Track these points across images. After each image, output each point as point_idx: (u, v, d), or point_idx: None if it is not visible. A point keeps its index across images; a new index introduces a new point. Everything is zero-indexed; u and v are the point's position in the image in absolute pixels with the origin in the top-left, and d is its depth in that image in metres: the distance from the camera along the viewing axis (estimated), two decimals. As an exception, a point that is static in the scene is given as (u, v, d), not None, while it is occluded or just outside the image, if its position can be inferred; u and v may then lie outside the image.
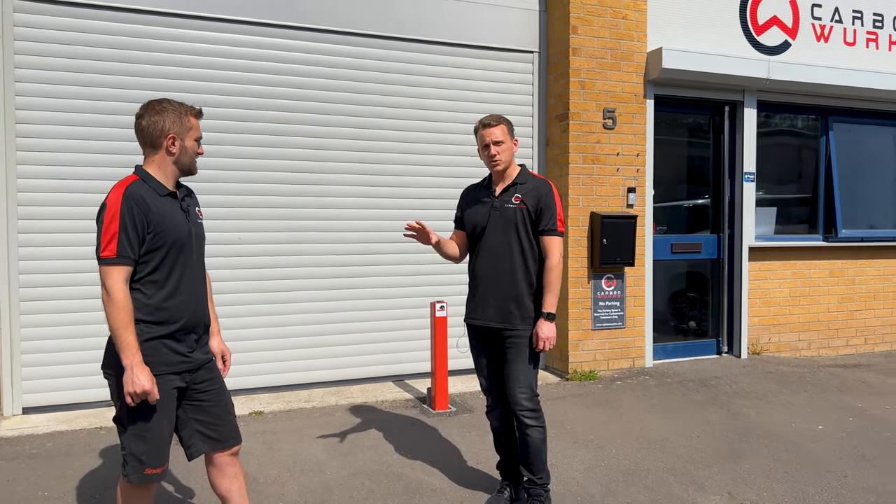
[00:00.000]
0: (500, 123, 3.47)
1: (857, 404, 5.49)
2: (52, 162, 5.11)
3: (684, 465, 4.21)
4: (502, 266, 3.44)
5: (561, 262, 3.42)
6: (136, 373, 2.45)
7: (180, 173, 2.74)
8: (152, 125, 2.65)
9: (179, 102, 2.73)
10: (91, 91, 5.18)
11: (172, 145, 2.67)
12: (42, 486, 3.81)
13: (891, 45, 7.50)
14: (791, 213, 7.49)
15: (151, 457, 2.60)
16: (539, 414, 3.43)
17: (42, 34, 5.05)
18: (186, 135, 2.70)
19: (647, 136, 6.44)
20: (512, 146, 3.51)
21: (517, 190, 3.46)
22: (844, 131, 7.53)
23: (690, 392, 5.74)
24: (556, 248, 3.40)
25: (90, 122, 5.19)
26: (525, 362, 3.41)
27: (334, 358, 5.92)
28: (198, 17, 5.43)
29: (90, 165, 5.19)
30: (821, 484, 3.95)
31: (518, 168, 3.55)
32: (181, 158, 2.70)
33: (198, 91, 5.35)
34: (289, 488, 3.83)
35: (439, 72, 6.20)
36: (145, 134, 2.67)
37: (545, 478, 3.48)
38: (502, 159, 3.45)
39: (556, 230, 3.41)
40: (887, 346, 7.74)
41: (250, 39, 5.59)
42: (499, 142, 3.44)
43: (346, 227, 5.94)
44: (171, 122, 2.65)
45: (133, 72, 5.27)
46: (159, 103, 2.69)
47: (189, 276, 2.71)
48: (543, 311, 3.38)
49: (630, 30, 6.33)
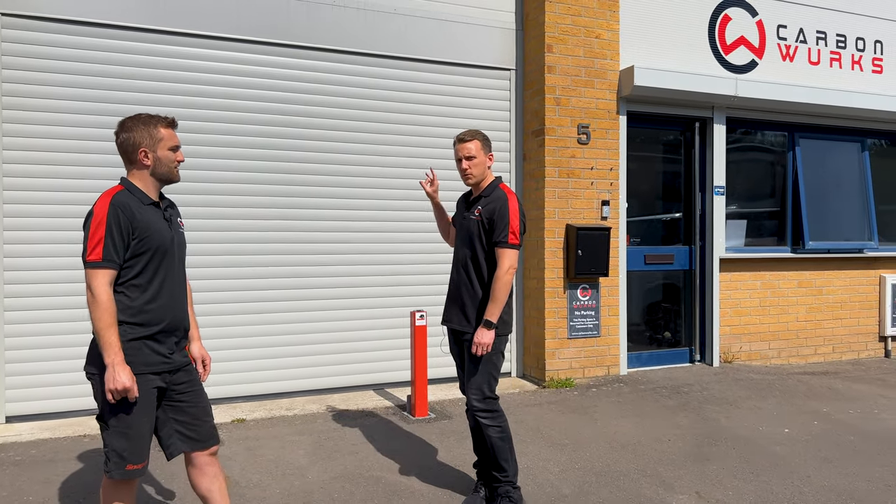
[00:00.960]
0: (475, 139, 3.64)
1: (822, 409, 5.69)
2: (37, 174, 5.19)
3: (655, 467, 4.36)
4: (461, 274, 3.66)
5: (510, 273, 3.48)
6: (117, 371, 2.57)
7: (160, 183, 2.87)
8: (125, 141, 2.79)
9: (150, 115, 2.84)
10: (75, 105, 5.28)
11: (146, 158, 2.79)
12: (26, 492, 3.87)
13: (853, 64, 7.81)
14: (760, 225, 7.73)
15: (132, 453, 2.70)
16: (494, 415, 3.54)
17: (28, 49, 5.15)
18: (157, 146, 2.81)
19: (620, 150, 6.66)
20: (486, 160, 3.66)
21: (480, 203, 3.63)
22: (810, 147, 7.82)
23: (663, 398, 5.91)
24: (506, 260, 3.49)
25: (75, 135, 5.29)
26: (476, 366, 3.55)
27: (315, 367, 6.02)
28: (179, 33, 5.56)
29: (75, 178, 5.28)
30: (785, 483, 4.12)
31: (490, 181, 3.70)
32: (157, 169, 2.82)
33: (178, 105, 5.48)
34: (271, 492, 3.92)
35: (420, 88, 6.38)
36: (122, 150, 2.81)
37: (510, 475, 3.58)
38: (473, 173, 3.62)
39: (506, 242, 3.49)
40: (854, 355, 7.98)
41: (234, 56, 5.74)
42: (471, 157, 3.61)
43: (327, 238, 6.07)
44: (139, 136, 2.78)
45: (115, 86, 5.38)
46: (130, 119, 2.82)
47: (171, 281, 2.83)
48: (484, 317, 3.50)
49: (603, 48, 6.56)
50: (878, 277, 8.09)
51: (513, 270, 3.50)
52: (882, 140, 8.41)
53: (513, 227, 3.51)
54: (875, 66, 7.91)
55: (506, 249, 3.50)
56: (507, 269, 3.48)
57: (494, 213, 3.53)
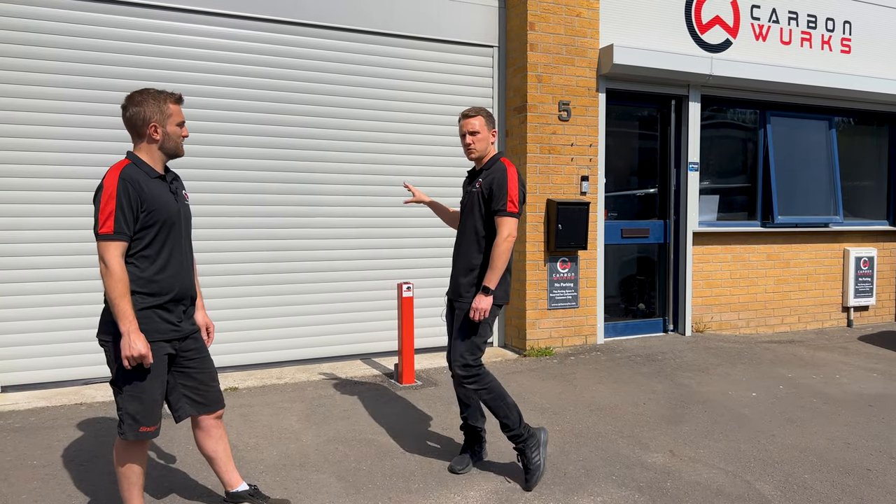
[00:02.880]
0: (479, 115, 3.78)
1: (787, 375, 6.01)
2: (22, 147, 5.23)
3: (631, 429, 4.62)
4: (462, 246, 3.80)
5: (508, 241, 3.57)
6: (132, 339, 2.71)
7: (167, 157, 2.98)
8: (135, 115, 2.87)
9: (159, 90, 2.94)
10: (58, 79, 5.31)
11: (155, 132, 2.90)
12: (30, 457, 4.01)
13: (823, 44, 8.06)
14: (732, 200, 8.01)
15: (146, 416, 2.86)
16: (477, 378, 3.63)
17: (9, 22, 5.16)
18: (167, 121, 2.92)
19: (599, 127, 6.85)
20: (489, 136, 3.79)
21: (481, 176, 3.78)
22: (781, 124, 8.08)
23: (638, 366, 6.18)
24: (505, 228, 3.60)
25: (61, 108, 5.33)
26: (461, 331, 3.69)
27: (305, 337, 6.19)
28: (171, 7, 5.59)
29: (61, 151, 5.34)
30: (751, 442, 4.40)
31: (492, 156, 3.83)
32: (165, 144, 2.94)
33: (177, 80, 5.54)
34: (268, 454, 4.10)
35: (403, 64, 6.49)
36: (130, 123, 2.90)
37: (513, 426, 3.67)
38: (476, 148, 3.77)
39: (504, 210, 3.61)
40: (818, 325, 8.36)
41: (229, 32, 5.79)
42: (474, 132, 3.75)
43: (316, 212, 6.20)
44: (151, 111, 2.87)
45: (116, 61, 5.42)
46: (140, 94, 2.90)
47: (178, 252, 2.97)
48: (483, 283, 3.63)
49: (584, 27, 6.71)
50: (843, 251, 8.45)
51: (511, 238, 3.60)
52: (849, 118, 8.71)
53: (511, 195, 3.60)
54: (844, 47, 8.17)
55: (505, 218, 3.60)
56: (506, 237, 3.58)
57: (493, 184, 3.65)
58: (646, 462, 4.05)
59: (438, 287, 6.60)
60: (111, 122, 5.41)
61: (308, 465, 3.95)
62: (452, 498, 3.54)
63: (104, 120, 5.41)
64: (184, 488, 3.62)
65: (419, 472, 3.86)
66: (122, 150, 5.45)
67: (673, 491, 3.65)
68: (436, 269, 6.61)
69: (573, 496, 3.58)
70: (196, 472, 3.82)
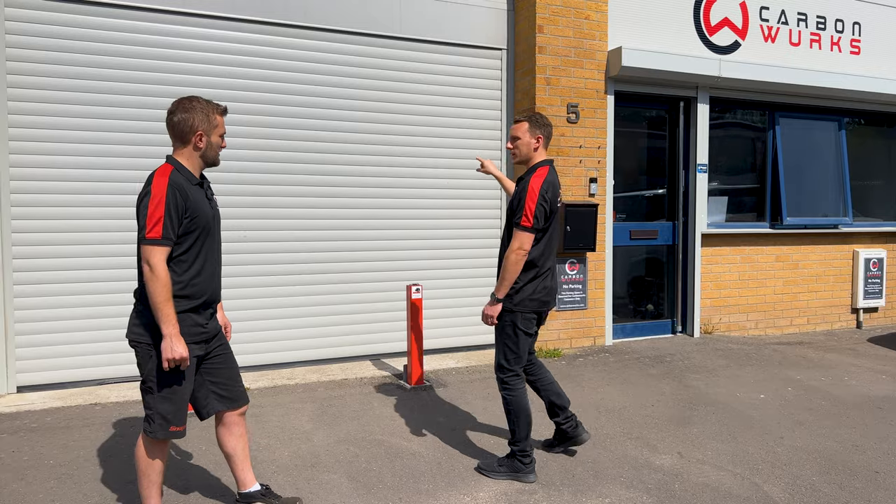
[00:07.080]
0: (524, 120, 3.83)
1: (796, 377, 6.02)
2: (45, 152, 5.31)
3: (640, 430, 4.65)
4: (501, 249, 3.89)
5: (517, 253, 3.59)
6: (174, 342, 2.78)
7: (205, 165, 3.05)
8: (182, 122, 2.92)
9: (207, 101, 3.00)
10: (83, 84, 5.38)
11: (200, 141, 2.96)
12: (47, 456, 4.08)
13: (832, 45, 8.05)
14: (741, 202, 8.01)
15: (176, 416, 2.94)
16: (504, 386, 3.79)
17: (34, 28, 5.23)
18: (213, 132, 2.99)
19: (607, 129, 6.87)
20: (531, 141, 3.80)
21: (519, 184, 3.81)
22: (790, 126, 8.08)
23: (646, 367, 6.20)
24: (517, 240, 3.63)
25: (80, 113, 5.40)
26: (497, 339, 3.83)
27: (315, 338, 6.24)
28: (190, 14, 5.65)
29: (82, 155, 5.41)
30: (759, 444, 4.42)
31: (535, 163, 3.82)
32: (207, 153, 3.01)
33: (190, 85, 5.60)
34: (279, 454, 4.15)
35: (412, 67, 6.53)
36: (176, 129, 2.94)
37: (516, 439, 3.79)
38: (518, 153, 3.87)
39: (519, 224, 3.64)
40: (827, 326, 8.35)
41: (244, 36, 5.85)
42: (516, 137, 3.83)
43: (326, 214, 6.25)
44: (199, 120, 2.94)
45: (118, 65, 5.49)
46: (189, 101, 2.96)
47: (212, 257, 3.05)
48: (493, 291, 3.75)
49: (592, 29, 6.74)
50: (852, 252, 8.44)
51: (521, 252, 3.60)
52: (858, 119, 8.70)
53: (528, 209, 3.59)
54: (853, 48, 8.16)
55: (518, 231, 3.64)
56: (516, 249, 3.61)
57: (516, 196, 3.71)
58: (654, 464, 4.08)
59: (448, 289, 6.64)
60: (120, 126, 5.49)
61: (319, 465, 4.00)
62: (462, 499, 3.58)
63: (113, 123, 5.48)
64: (203, 487, 3.68)
65: (429, 473, 3.90)
66: (132, 154, 5.54)
67: (681, 493, 3.68)
68: (445, 270, 6.65)
69: (581, 497, 3.61)
70: (214, 469, 3.89)
